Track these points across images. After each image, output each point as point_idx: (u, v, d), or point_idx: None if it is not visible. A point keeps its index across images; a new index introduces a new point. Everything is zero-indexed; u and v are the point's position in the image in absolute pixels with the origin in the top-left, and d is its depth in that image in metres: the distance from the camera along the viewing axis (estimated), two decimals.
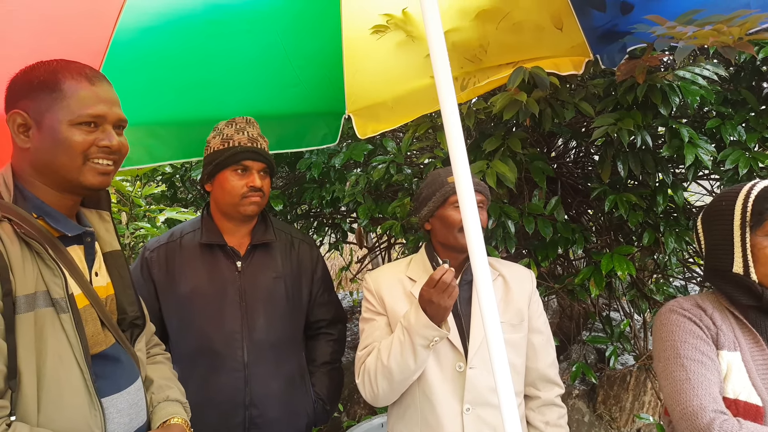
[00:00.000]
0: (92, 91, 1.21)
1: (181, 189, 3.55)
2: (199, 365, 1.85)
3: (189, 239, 1.92)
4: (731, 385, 1.32)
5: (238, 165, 1.83)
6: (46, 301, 1.13)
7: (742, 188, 1.38)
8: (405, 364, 1.53)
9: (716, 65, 2.01)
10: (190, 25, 1.90)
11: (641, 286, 2.83)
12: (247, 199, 1.84)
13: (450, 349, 1.63)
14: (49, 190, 1.22)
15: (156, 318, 1.89)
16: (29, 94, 1.18)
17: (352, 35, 2.22)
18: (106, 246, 1.37)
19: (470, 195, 1.16)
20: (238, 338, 1.84)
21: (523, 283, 1.75)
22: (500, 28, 2.02)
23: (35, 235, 1.14)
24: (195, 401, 1.79)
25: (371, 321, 1.73)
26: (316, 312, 2.06)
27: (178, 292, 1.87)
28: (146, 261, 1.92)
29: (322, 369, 2.05)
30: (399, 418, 1.71)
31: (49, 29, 1.62)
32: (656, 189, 2.21)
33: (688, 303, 1.43)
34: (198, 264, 1.88)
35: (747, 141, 2.04)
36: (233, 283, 1.87)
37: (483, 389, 1.60)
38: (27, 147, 1.19)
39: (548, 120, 2.13)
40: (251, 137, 1.86)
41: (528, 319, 1.71)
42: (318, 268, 2.06)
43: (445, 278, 1.42)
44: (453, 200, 1.66)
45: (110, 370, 1.25)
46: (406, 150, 2.67)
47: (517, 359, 1.68)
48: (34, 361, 1.10)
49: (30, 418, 1.09)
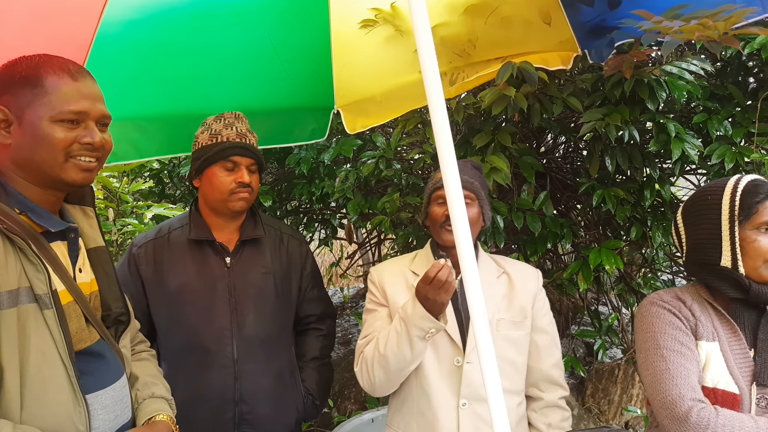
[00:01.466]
0: (74, 86, 1.19)
1: (169, 185, 3.52)
2: (188, 362, 1.84)
3: (177, 235, 1.91)
4: (710, 375, 1.35)
5: (227, 161, 1.81)
6: (29, 297, 1.12)
7: (727, 183, 1.39)
8: (401, 354, 1.53)
9: (703, 60, 2.01)
10: (176, 18, 1.88)
11: (629, 280, 2.85)
12: (235, 195, 1.83)
13: (449, 343, 1.63)
14: (31, 186, 1.21)
15: (144, 314, 1.88)
16: (10, 90, 1.16)
17: (340, 29, 2.21)
18: (90, 242, 1.36)
19: (457, 190, 1.16)
20: (228, 335, 1.83)
21: (528, 282, 1.75)
22: (489, 22, 2.02)
23: (18, 230, 1.12)
24: (185, 398, 1.77)
25: (373, 312, 1.74)
26: (306, 307, 2.05)
27: (166, 289, 1.86)
28: (134, 257, 1.90)
29: (311, 364, 2.04)
30: (397, 410, 1.72)
31: (33, 24, 1.60)
32: (643, 184, 2.22)
33: (668, 295, 1.46)
34: (187, 260, 1.87)
35: (733, 136, 2.05)
36: (222, 279, 1.86)
37: (480, 385, 1.60)
38: (8, 143, 1.17)
39: (537, 115, 2.14)
40: (240, 132, 1.85)
41: (532, 318, 1.71)
42: (307, 264, 2.05)
43: (440, 275, 1.41)
44: (436, 196, 1.69)
45: (94, 367, 1.24)
46: (396, 145, 2.67)
47: (518, 357, 1.67)
48: (17, 357, 1.09)
49: (13, 415, 1.08)
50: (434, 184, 1.70)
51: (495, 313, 1.67)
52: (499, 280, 1.74)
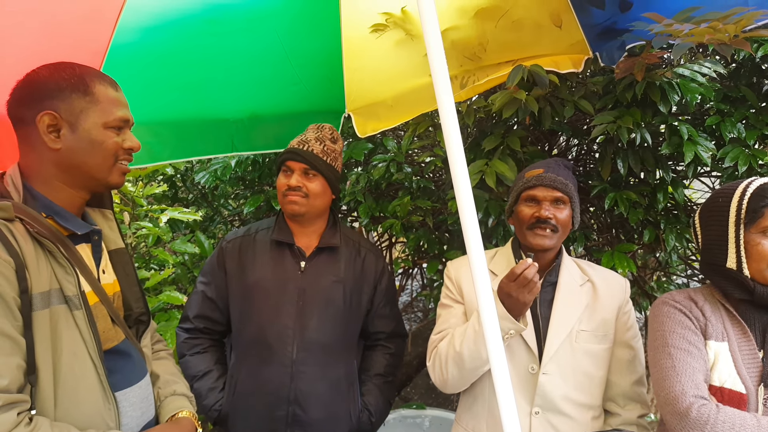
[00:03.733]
0: (117, 95, 1.29)
1: (182, 189, 3.56)
2: (252, 355, 1.90)
3: (263, 235, 2.00)
4: (717, 374, 1.36)
5: (283, 165, 1.92)
6: (60, 298, 1.16)
7: (739, 186, 1.40)
8: (477, 353, 1.51)
9: (715, 63, 2.00)
10: (189, 25, 1.91)
11: (642, 283, 2.83)
12: (287, 198, 1.89)
13: (524, 349, 1.59)
14: (65, 189, 1.25)
15: (225, 305, 1.99)
16: (59, 95, 1.21)
17: (351, 34, 2.22)
18: (111, 244, 1.40)
19: (467, 193, 1.16)
20: (290, 334, 1.87)
21: (615, 292, 1.67)
22: (499, 26, 2.02)
23: (47, 234, 1.16)
24: (246, 389, 1.90)
25: (449, 307, 1.72)
26: (376, 323, 2.07)
27: (244, 283, 1.94)
28: (222, 250, 2.01)
29: (374, 380, 2.05)
30: (467, 408, 1.71)
31: (49, 31, 1.62)
32: (656, 186, 2.21)
33: (681, 296, 1.48)
34: (266, 259, 1.95)
35: (746, 138, 2.03)
36: (294, 281, 1.91)
37: (555, 396, 1.57)
38: (57, 147, 1.21)
39: (548, 118, 2.13)
40: (303, 139, 1.93)
41: (615, 331, 1.64)
42: (383, 280, 2.06)
43: (527, 273, 1.39)
44: (525, 196, 1.64)
45: (122, 365, 1.29)
46: (407, 149, 2.67)
47: (596, 371, 1.61)
48: (50, 357, 1.12)
49: (47, 412, 1.12)
50: (524, 183, 1.65)
51: (576, 325, 1.60)
52: (583, 289, 1.66)
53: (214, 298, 1.99)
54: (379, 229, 2.99)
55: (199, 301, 2.00)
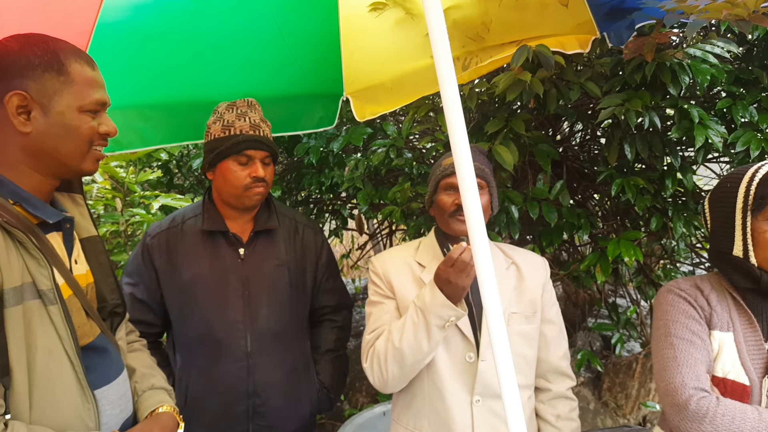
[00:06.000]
0: (94, 75, 1.19)
1: (177, 175, 3.49)
2: (201, 354, 1.82)
3: (190, 225, 1.87)
4: (720, 364, 1.34)
5: (241, 155, 1.76)
6: (33, 293, 1.08)
7: (748, 170, 1.36)
8: (418, 346, 1.49)
9: (728, 42, 1.92)
10: (179, 2, 1.82)
11: (648, 272, 2.78)
12: (250, 191, 1.78)
13: (460, 338, 1.58)
14: (34, 175, 1.16)
15: (159, 305, 1.87)
16: (30, 74, 1.11)
17: (349, 12, 2.14)
18: (82, 232, 1.31)
19: (471, 179, 1.10)
20: (241, 327, 1.81)
21: (537, 272, 1.70)
22: (503, 5, 1.95)
23: (16, 223, 1.08)
24: (197, 390, 1.80)
25: (379, 304, 1.68)
26: (321, 298, 2.02)
27: (179, 280, 1.83)
28: (147, 247, 1.87)
29: (326, 357, 2.02)
30: (405, 407, 1.67)
31: (33, 9, 1.55)
32: (664, 172, 2.15)
33: (686, 284, 1.45)
34: (200, 251, 1.84)
35: (759, 122, 1.96)
36: (235, 271, 1.83)
37: (494, 382, 1.55)
38: (27, 131, 1.12)
39: (553, 101, 2.06)
40: (253, 123, 1.79)
41: (541, 310, 1.67)
42: (323, 254, 2.01)
43: (464, 257, 1.38)
44: (444, 184, 1.63)
45: (98, 362, 1.21)
46: (407, 134, 2.61)
47: (529, 351, 1.63)
48: (24, 356, 1.05)
49: (23, 415, 1.05)
50: (442, 171, 1.64)
51: (506, 307, 1.61)
52: (509, 272, 1.68)
53: (145, 300, 1.86)
54: (379, 216, 2.93)
55: (129, 305, 1.81)
